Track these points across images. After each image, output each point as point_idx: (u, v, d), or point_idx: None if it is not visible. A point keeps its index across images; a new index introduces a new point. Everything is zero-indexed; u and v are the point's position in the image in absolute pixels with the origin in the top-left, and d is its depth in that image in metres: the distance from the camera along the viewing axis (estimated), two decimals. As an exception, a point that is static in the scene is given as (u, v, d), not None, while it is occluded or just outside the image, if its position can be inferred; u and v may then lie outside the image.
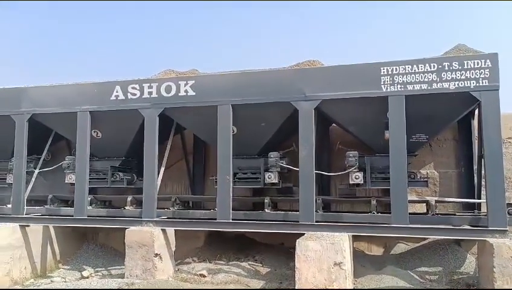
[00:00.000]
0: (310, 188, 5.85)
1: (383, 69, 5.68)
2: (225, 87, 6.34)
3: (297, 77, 6.11)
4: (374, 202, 6.22)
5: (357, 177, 6.20)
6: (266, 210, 6.58)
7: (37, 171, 7.48)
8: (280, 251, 7.39)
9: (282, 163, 6.62)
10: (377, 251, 7.47)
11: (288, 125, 6.38)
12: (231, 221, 6.19)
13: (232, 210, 6.20)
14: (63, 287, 5.87)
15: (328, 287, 5.12)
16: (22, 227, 6.93)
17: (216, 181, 6.40)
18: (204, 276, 6.44)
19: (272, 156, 6.60)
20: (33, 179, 7.39)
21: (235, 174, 6.64)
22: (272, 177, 6.60)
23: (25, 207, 7.09)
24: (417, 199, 7.08)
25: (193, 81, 6.44)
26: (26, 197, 7.14)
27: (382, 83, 5.66)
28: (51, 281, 6.72)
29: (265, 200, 6.63)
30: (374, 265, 6.69)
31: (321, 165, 6.83)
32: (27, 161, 7.27)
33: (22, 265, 6.84)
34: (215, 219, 6.29)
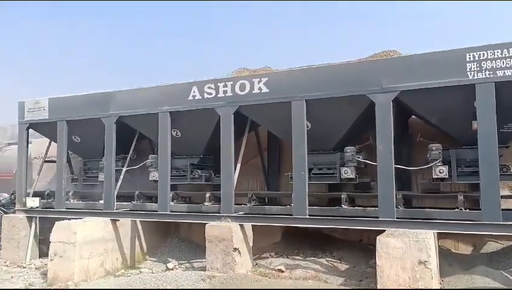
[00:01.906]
0: (389, 183, 5.63)
1: (469, 55, 5.28)
2: (298, 82, 6.30)
3: (374, 68, 5.90)
4: (460, 198, 5.82)
5: (442, 171, 5.84)
6: (343, 206, 6.44)
7: (124, 169, 8.01)
8: (358, 247, 7.22)
9: (358, 158, 6.44)
10: (464, 249, 7.00)
11: (365, 119, 6.19)
12: (307, 217, 6.16)
13: (308, 206, 6.17)
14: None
15: (412, 287, 4.90)
16: (113, 221, 7.48)
17: (291, 177, 6.41)
18: (282, 271, 6.48)
19: (348, 150, 6.45)
20: (121, 177, 7.92)
21: (310, 170, 6.58)
22: (348, 173, 6.46)
23: (115, 203, 7.64)
24: (510, 193, 6.52)
25: (266, 78, 6.48)
26: (116, 194, 7.68)
27: (468, 70, 5.27)
28: (140, 271, 7.19)
29: (342, 196, 6.50)
30: (462, 264, 6.28)
31: (400, 159, 6.53)
32: (115, 160, 7.82)
33: (114, 257, 7.38)
34: (291, 215, 6.31)
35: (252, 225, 6.72)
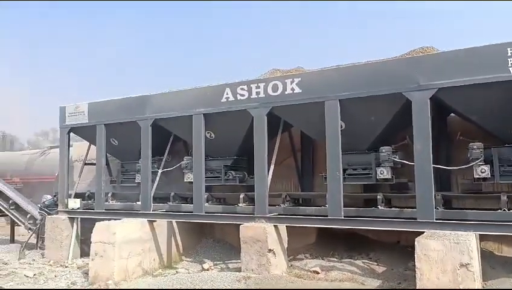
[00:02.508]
0: (427, 183, 5.48)
1: (511, 50, 5.06)
2: (331, 82, 6.24)
3: (410, 65, 5.76)
4: (504, 198, 5.59)
5: (483, 170, 5.62)
6: (379, 207, 6.32)
7: (160, 171, 8.18)
8: (396, 249, 7.07)
9: (395, 157, 6.30)
10: (508, 251, 6.71)
11: (401, 118, 6.05)
12: (343, 218, 6.08)
13: (343, 207, 6.09)
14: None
15: (453, 290, 4.75)
16: (150, 222, 7.65)
17: (325, 178, 6.35)
18: (317, 273, 6.43)
19: (383, 150, 6.32)
20: (157, 179, 8.10)
21: (344, 171, 6.49)
22: (384, 173, 6.33)
23: (152, 204, 7.81)
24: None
25: (299, 79, 6.46)
26: (152, 195, 7.85)
27: (510, 65, 5.05)
28: (176, 271, 7.31)
29: (378, 197, 6.38)
30: (505, 267, 6.04)
31: (439, 159, 6.35)
32: (151, 162, 8.00)
33: (151, 257, 7.55)
34: (326, 216, 6.24)
35: (287, 226, 6.71)
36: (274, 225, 6.53)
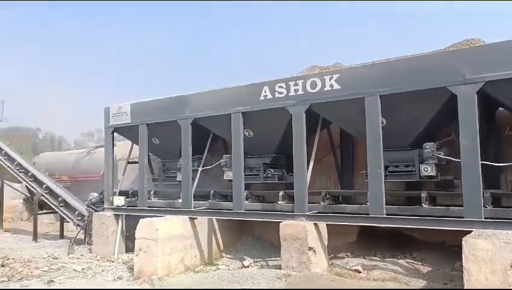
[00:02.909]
0: (474, 180, 5.26)
1: None
2: (371, 78, 6.11)
3: (455, 58, 5.54)
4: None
5: (536, 167, 5.33)
6: (423, 205, 6.13)
7: (200, 169, 8.32)
8: (442, 249, 6.83)
9: (439, 154, 6.09)
10: None
11: (445, 113, 5.85)
12: (385, 216, 5.95)
13: (385, 205, 5.96)
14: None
15: (504, 292, 4.54)
16: (191, 219, 7.79)
17: (366, 175, 6.23)
18: (359, 272, 6.34)
19: (427, 147, 6.13)
20: (197, 177, 8.24)
21: (386, 168, 6.35)
22: (428, 170, 6.13)
23: (193, 201, 7.96)
24: None
25: (338, 75, 6.37)
26: (193, 193, 8.00)
27: None
28: (217, 268, 7.42)
29: (422, 195, 6.17)
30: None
31: (487, 155, 6.07)
32: (192, 160, 8.14)
33: (193, 253, 7.70)
34: (368, 214, 6.13)
35: (327, 224, 6.64)
36: (314, 223, 6.49)
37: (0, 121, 17.52)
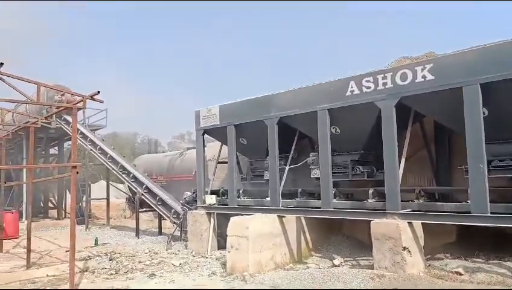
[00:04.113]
0: None
1: None
2: (471, 65, 5.65)
3: None
4: None
5: None
6: (537, 203, 5.52)
7: (287, 167, 8.37)
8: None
9: (554, 145, 5.44)
10: None
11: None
12: (489, 215, 5.47)
13: (490, 202, 5.47)
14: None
15: None
16: (279, 217, 7.87)
17: (466, 171, 5.80)
18: (460, 274, 5.90)
19: (538, 138, 5.51)
20: (284, 175, 8.30)
21: (489, 162, 5.84)
22: (540, 164, 5.51)
23: (281, 200, 8.03)
24: None
25: (431, 65, 5.99)
26: (281, 191, 8.07)
27: None
28: (307, 266, 7.40)
29: (534, 191, 5.57)
30: None
31: None
32: (279, 159, 8.22)
33: (282, 251, 7.76)
34: (469, 212, 5.68)
35: (422, 223, 6.28)
36: (408, 222, 6.18)
37: (104, 126, 19.23)
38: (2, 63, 6.27)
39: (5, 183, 11.66)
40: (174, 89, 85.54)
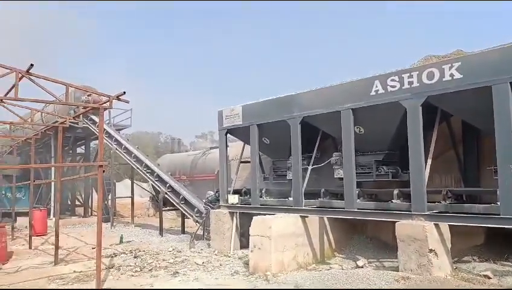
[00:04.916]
0: None
1: None
2: (500, 63, 5.50)
3: None
4: None
5: None
6: None
7: (310, 167, 8.33)
8: None
9: None
10: None
11: None
12: (521, 217, 5.31)
13: (521, 204, 5.31)
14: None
15: None
16: (302, 217, 7.83)
17: (495, 171, 5.65)
18: (489, 277, 5.75)
19: None
20: (307, 175, 8.25)
21: (520, 163, 5.66)
22: None
23: (303, 200, 8.00)
24: None
25: (459, 63, 5.86)
26: (303, 191, 8.04)
27: None
28: (330, 267, 7.34)
29: None
30: None
31: None
32: (301, 159, 8.18)
33: (304, 251, 7.73)
34: (498, 214, 5.53)
35: (449, 224, 6.15)
36: (434, 224, 6.06)
37: (129, 126, 19.56)
38: (32, 65, 6.45)
39: (34, 181, 11.99)
40: (195, 89, 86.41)
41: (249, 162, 9.47)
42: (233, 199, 9.51)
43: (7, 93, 6.82)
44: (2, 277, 7.67)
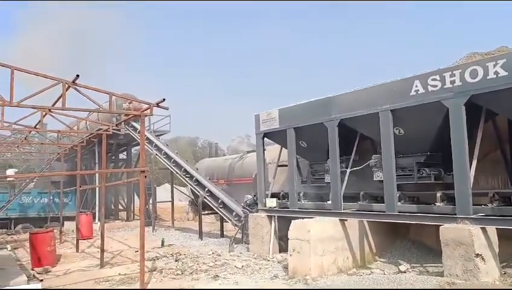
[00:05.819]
0: None
1: None
2: (549, 58, 5.24)
3: None
4: None
5: None
6: None
7: (348, 170, 8.21)
8: None
9: None
10: None
11: None
12: None
13: None
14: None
15: None
16: (341, 221, 7.74)
17: (547, 172, 5.35)
18: (542, 284, 5.46)
19: None
20: (346, 178, 8.15)
21: None
22: None
23: (342, 203, 7.91)
24: None
25: (504, 60, 5.63)
26: (342, 194, 7.95)
27: None
28: (371, 272, 7.21)
29: None
30: None
31: None
32: (339, 162, 8.09)
33: (344, 255, 7.62)
34: (551, 218, 5.25)
35: (497, 228, 5.90)
36: (481, 227, 5.83)
37: (168, 132, 20.02)
38: (78, 76, 6.74)
39: (80, 187, 12.51)
40: (231, 94, 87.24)
41: (286, 165, 9.46)
42: (272, 202, 9.53)
43: (55, 103, 7.17)
44: (52, 280, 8.05)
